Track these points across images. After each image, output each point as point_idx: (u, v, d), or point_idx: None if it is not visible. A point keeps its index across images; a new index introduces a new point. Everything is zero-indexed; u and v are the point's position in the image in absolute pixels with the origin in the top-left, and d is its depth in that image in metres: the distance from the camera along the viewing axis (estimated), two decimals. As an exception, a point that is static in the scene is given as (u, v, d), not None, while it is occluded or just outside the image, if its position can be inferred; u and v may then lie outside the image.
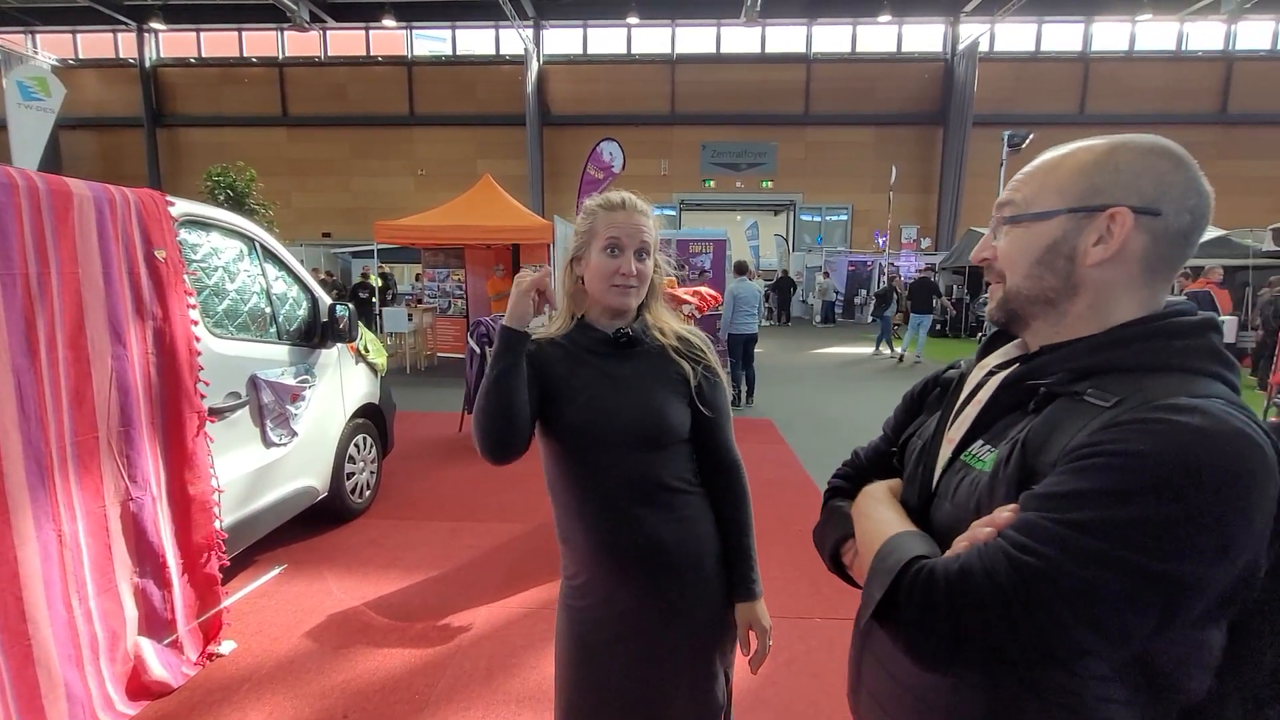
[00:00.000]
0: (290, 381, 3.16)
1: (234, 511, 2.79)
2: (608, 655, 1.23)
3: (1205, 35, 19.08)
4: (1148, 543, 0.57)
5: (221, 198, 8.31)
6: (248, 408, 2.92)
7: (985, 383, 0.82)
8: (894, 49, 19.92)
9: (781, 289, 18.78)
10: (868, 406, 7.44)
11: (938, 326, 14.51)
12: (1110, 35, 19.39)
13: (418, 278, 12.71)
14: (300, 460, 3.30)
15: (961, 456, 0.78)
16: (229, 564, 2.64)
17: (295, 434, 3.20)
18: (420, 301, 10.95)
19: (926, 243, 19.94)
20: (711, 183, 20.65)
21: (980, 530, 0.65)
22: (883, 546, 0.73)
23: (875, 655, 0.85)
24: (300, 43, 20.45)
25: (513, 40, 19.55)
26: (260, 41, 20.73)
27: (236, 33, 20.62)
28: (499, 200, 9.47)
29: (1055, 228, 0.73)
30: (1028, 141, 12.34)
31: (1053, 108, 19.18)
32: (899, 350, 11.38)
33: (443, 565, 3.36)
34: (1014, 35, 19.45)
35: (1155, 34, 19.23)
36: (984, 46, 18.75)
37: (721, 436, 1.30)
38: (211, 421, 2.57)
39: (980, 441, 0.77)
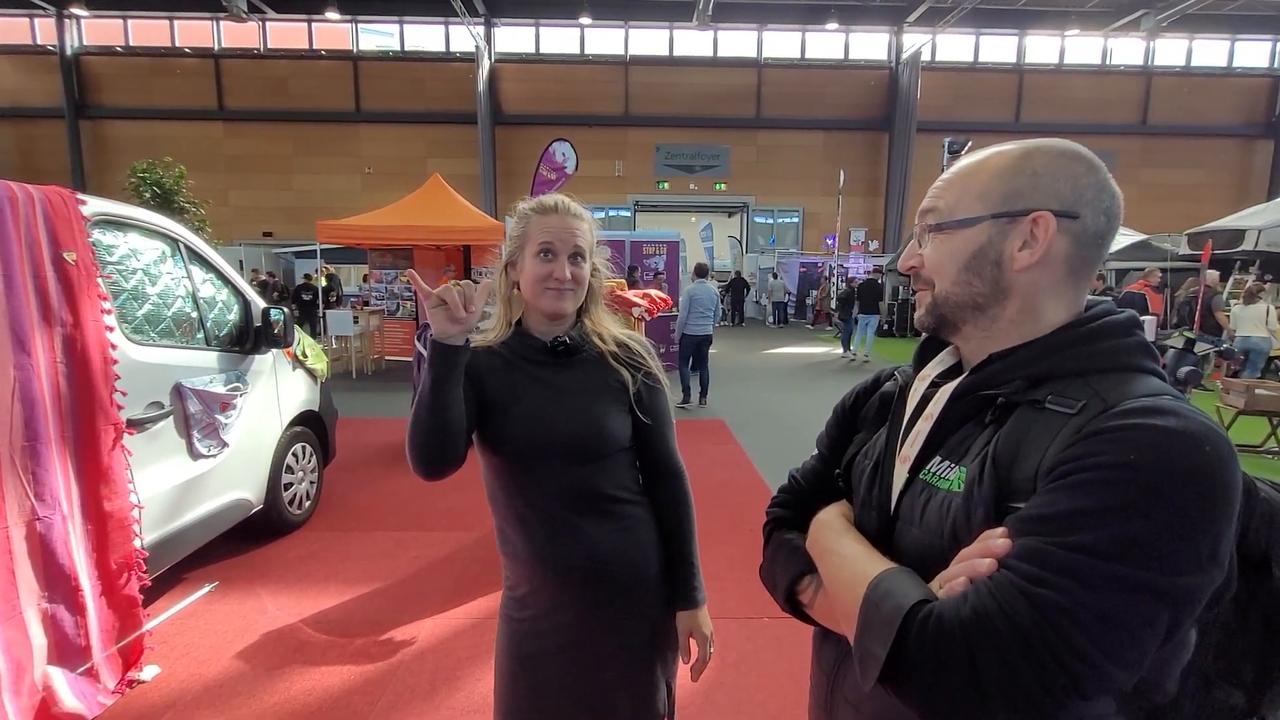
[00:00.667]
0: (220, 389, 3.01)
1: (157, 528, 2.63)
2: (548, 668, 1.21)
3: (1127, 51, 20.26)
4: (1157, 559, 0.55)
5: (147, 195, 7.85)
6: (172, 418, 2.76)
7: (931, 396, 0.79)
8: (841, 56, 20.45)
9: (736, 290, 19.03)
10: (819, 406, 7.59)
11: (884, 327, 14.97)
12: (1042, 49, 20.38)
13: (365, 279, 12.34)
14: (232, 472, 3.15)
15: (921, 476, 0.74)
16: (151, 584, 2.49)
17: (226, 444, 3.05)
18: (367, 304, 10.63)
19: (874, 245, 20.52)
20: (666, 184, 20.76)
21: (979, 563, 0.61)
22: (870, 591, 0.66)
23: (849, 702, 0.79)
24: (238, 34, 19.58)
25: (463, 37, 19.21)
26: (194, 31, 19.78)
27: (168, 21, 19.61)
28: (449, 200, 9.28)
29: (980, 234, 0.72)
30: (967, 148, 12.80)
31: (991, 116, 20.05)
32: (853, 350, 11.72)
33: (386, 577, 3.25)
34: (954, 46, 20.24)
35: (1083, 48, 20.32)
36: (926, 56, 19.42)
37: (663, 444, 1.28)
38: (130, 434, 2.42)
39: (938, 458, 0.74)
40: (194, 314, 3.00)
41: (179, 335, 2.89)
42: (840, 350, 12.28)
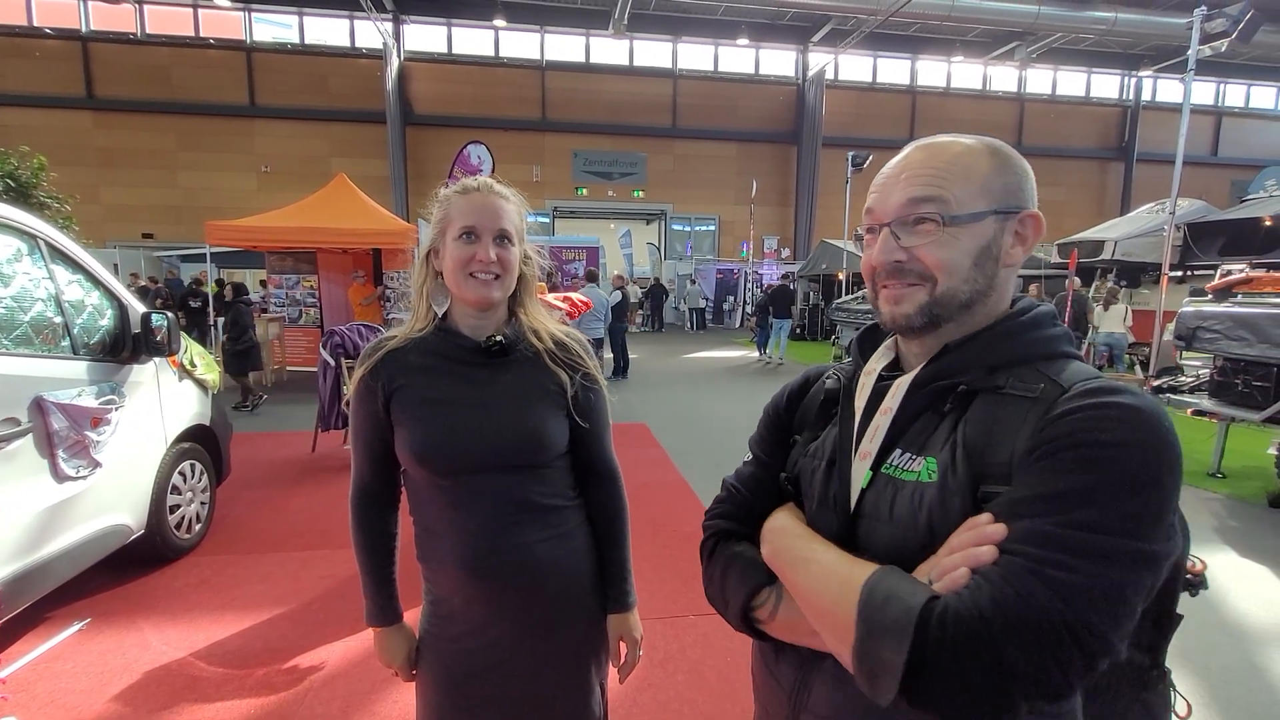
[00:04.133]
0: (90, 403, 2.70)
1: (14, 561, 2.32)
2: (481, 687, 1.14)
3: (1004, 79, 22.27)
4: (1152, 529, 0.57)
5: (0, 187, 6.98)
6: (31, 435, 2.45)
7: (883, 389, 0.77)
8: (752, 71, 21.22)
9: (655, 296, 19.27)
10: (738, 407, 7.80)
11: (797, 330, 15.63)
12: (932, 73, 22.03)
13: (263, 284, 11.50)
14: (106, 495, 2.83)
15: (883, 470, 0.72)
16: (5, 624, 2.19)
17: (98, 464, 2.73)
18: (265, 310, 9.92)
19: (786, 252, 21.41)
20: (584, 190, 20.73)
21: (979, 552, 0.59)
22: (867, 596, 0.61)
23: (820, 717, 0.75)
24: (109, 16, 17.82)
25: (369, 33, 18.40)
26: (56, 10, 17.80)
27: (24, -3, 17.57)
28: (355, 201, 8.84)
29: (986, 229, 0.72)
30: (868, 162, 13.64)
31: (888, 133, 21.41)
32: (768, 353, 12.16)
33: (290, 601, 3.02)
34: (855, 67, 21.49)
35: (966, 74, 22.14)
36: (830, 75, 20.51)
37: (599, 447, 1.23)
38: (-23, 455, 2.12)
39: (899, 451, 0.72)
40: (57, 319, 2.67)
41: (39, 343, 2.57)
42: (756, 354, 12.71)
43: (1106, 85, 22.80)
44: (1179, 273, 9.71)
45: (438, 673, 1.16)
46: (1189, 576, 0.79)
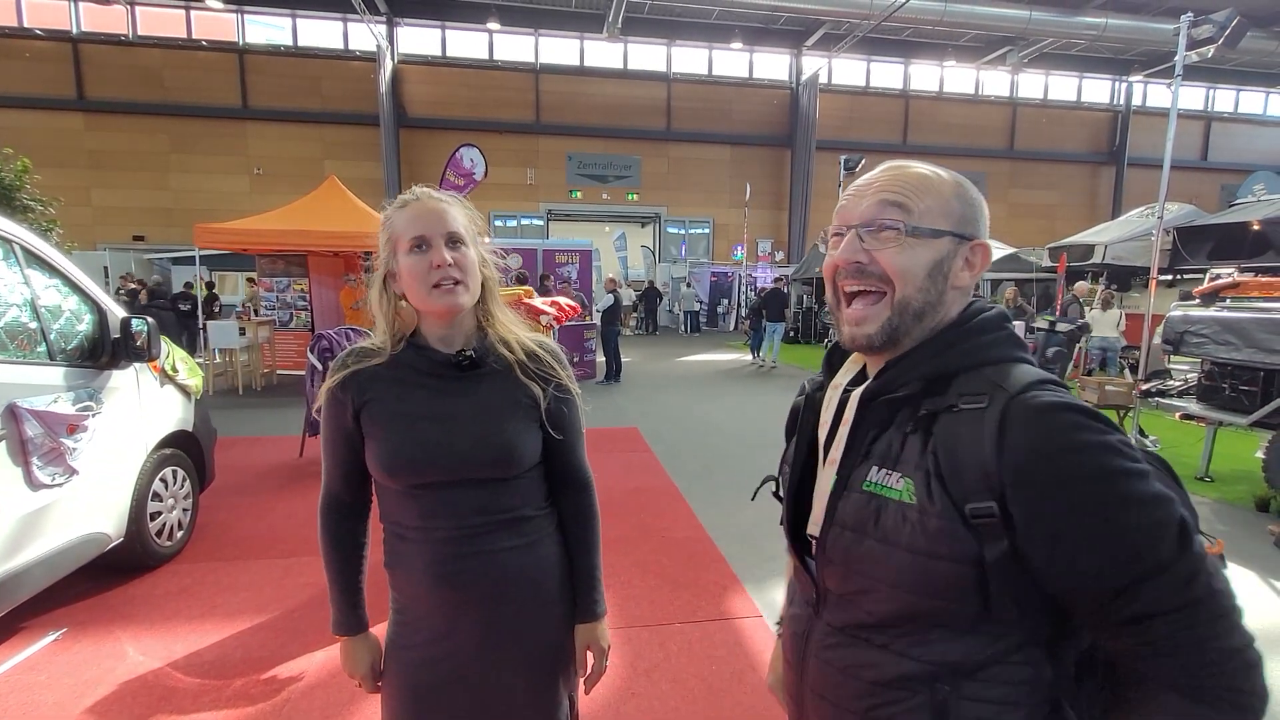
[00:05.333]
0: (66, 409, 2.66)
1: (-15, 571, 2.28)
2: (444, 700, 1.12)
3: (996, 83, 22.40)
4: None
5: (-19, 189, 6.92)
6: (4, 443, 2.41)
7: (845, 401, 0.83)
8: (746, 75, 21.27)
9: (649, 299, 19.26)
10: (730, 411, 7.78)
11: (790, 333, 15.64)
12: (925, 77, 22.14)
13: (250, 281, 11.42)
14: (84, 502, 2.78)
15: (865, 487, 0.77)
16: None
17: (75, 471, 2.69)
18: (256, 314, 9.86)
19: (780, 256, 21.45)
20: (579, 194, 20.73)
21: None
22: None
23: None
24: (100, 17, 17.74)
25: (363, 35, 18.37)
26: (47, 11, 17.71)
27: (14, -2, 17.47)
28: (346, 204, 8.79)
29: (943, 246, 0.77)
30: (860, 165, 13.68)
31: (882, 137, 21.53)
32: (760, 356, 12.16)
33: (272, 609, 2.99)
34: (848, 71, 21.57)
35: (959, 79, 22.25)
36: (824, 79, 20.60)
37: (572, 456, 1.22)
38: (-53, 463, 2.09)
39: (875, 467, 0.77)
40: (33, 325, 2.63)
41: (13, 349, 2.53)
42: (750, 357, 12.70)
43: (1098, 90, 22.95)
44: (1169, 276, 9.76)
45: (401, 682, 1.14)
46: None
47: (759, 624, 2.91)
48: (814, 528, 0.84)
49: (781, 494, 0.93)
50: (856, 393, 0.81)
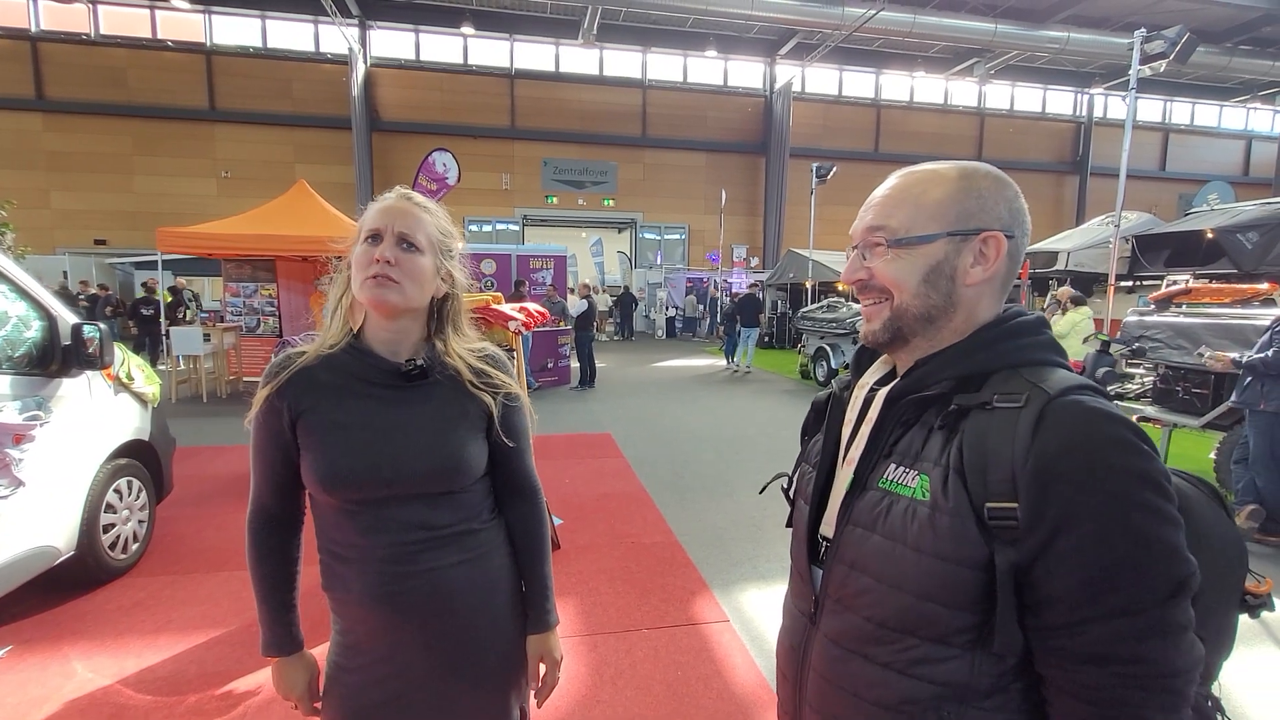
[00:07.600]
0: (12, 419, 2.57)
1: (-79, 588, 2.19)
2: (384, 715, 1.09)
3: (964, 93, 22.94)
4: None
5: (-64, 192, 6.60)
6: (-56, 455, 2.32)
7: (871, 400, 0.83)
8: (721, 82, 21.49)
9: (624, 304, 19.28)
10: (704, 415, 7.81)
11: (765, 338, 15.78)
12: (896, 87, 22.59)
13: (229, 282, 11.12)
14: (31, 515, 2.69)
15: (880, 484, 0.76)
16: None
17: (21, 483, 2.60)
18: (222, 319, 9.64)
19: (755, 261, 21.64)
20: (554, 199, 20.70)
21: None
22: None
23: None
24: (61, 16, 17.27)
25: (335, 38, 18.15)
26: (4, 10, 17.17)
27: (-31, -5, 16.92)
28: (315, 208, 8.65)
29: (938, 250, 0.77)
30: (832, 173, 13.88)
31: (854, 145, 21.88)
32: (735, 361, 12.23)
33: (230, 622, 2.91)
34: (821, 80, 21.91)
35: (928, 89, 22.74)
36: (797, 87, 20.88)
37: (520, 464, 1.20)
38: (-121, 476, 2.00)
39: (894, 465, 0.76)
40: (-23, 331, 2.55)
41: (-45, 356, 2.44)
42: (724, 362, 12.78)
43: (1061, 101, 23.64)
44: (1128, 283, 10.06)
45: (343, 704, 1.11)
46: (1248, 597, 0.77)
47: (725, 628, 2.92)
48: (826, 528, 0.83)
49: (793, 493, 0.93)
50: (882, 392, 0.81)
